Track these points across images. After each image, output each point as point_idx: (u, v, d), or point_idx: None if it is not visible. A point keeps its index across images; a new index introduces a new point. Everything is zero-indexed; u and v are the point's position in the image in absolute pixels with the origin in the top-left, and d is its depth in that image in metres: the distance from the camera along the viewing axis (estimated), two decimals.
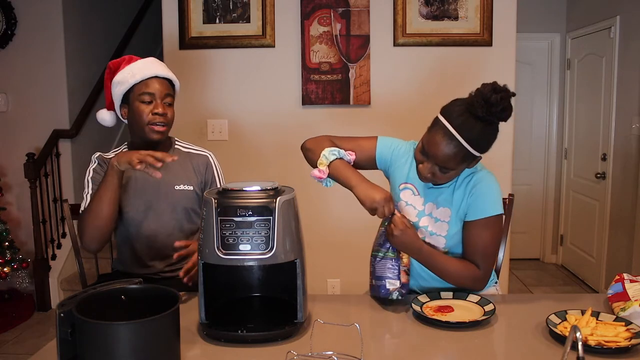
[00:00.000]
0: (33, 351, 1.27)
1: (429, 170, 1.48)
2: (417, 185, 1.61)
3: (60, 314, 1.05)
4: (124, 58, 1.79)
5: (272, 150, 3.03)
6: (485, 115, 1.40)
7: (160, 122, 1.73)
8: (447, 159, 1.43)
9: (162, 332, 1.07)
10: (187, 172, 1.83)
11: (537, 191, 4.61)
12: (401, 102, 2.95)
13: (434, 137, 1.44)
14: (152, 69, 1.75)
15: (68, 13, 3.77)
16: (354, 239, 3.05)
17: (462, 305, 1.47)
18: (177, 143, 1.91)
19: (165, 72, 1.78)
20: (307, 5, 2.89)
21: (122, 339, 1.02)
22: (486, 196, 1.52)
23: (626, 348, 1.18)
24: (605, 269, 3.81)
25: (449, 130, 1.42)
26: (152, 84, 1.73)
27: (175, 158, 1.58)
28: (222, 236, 1.27)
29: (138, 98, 1.73)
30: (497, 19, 2.88)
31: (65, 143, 3.81)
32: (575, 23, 4.32)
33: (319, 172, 1.58)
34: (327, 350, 1.21)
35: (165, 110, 1.74)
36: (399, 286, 1.48)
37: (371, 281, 1.56)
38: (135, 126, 1.76)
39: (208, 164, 1.90)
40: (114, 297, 1.17)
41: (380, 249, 1.53)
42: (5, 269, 3.27)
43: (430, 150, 1.46)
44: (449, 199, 1.56)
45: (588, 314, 1.31)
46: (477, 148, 1.43)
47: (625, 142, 3.57)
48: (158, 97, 1.73)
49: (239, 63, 2.97)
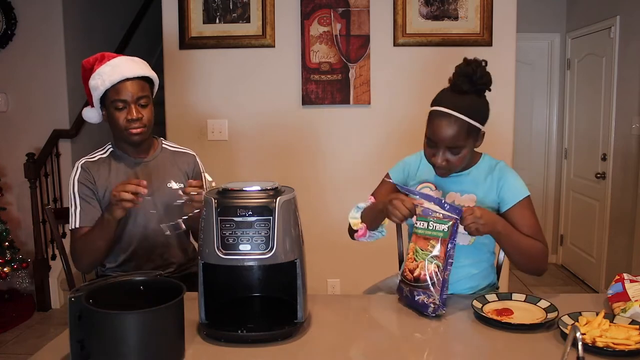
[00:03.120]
0: (33, 351, 1.27)
1: (442, 159, 1.53)
2: (434, 181, 1.67)
3: (71, 298, 1.11)
4: (96, 57, 1.72)
5: (272, 150, 3.03)
6: (470, 87, 1.51)
7: (136, 126, 1.69)
8: (453, 138, 1.50)
9: (165, 323, 1.13)
10: (177, 171, 1.84)
11: (537, 191, 4.61)
12: (401, 102, 2.95)
13: (435, 124, 1.52)
14: (120, 72, 1.66)
15: (68, 13, 3.77)
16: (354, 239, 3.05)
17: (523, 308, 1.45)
18: (164, 144, 1.90)
19: (136, 72, 1.69)
20: (307, 5, 2.89)
21: (123, 327, 1.09)
22: (516, 181, 1.61)
23: (638, 351, 1.16)
24: (605, 269, 3.81)
25: (445, 111, 1.50)
26: (123, 89, 1.66)
27: (144, 189, 1.54)
28: (222, 236, 1.27)
29: (111, 105, 1.68)
30: (497, 19, 2.88)
31: (65, 143, 3.81)
32: (575, 23, 4.32)
33: (362, 232, 1.62)
34: (328, 350, 1.21)
35: (139, 113, 1.69)
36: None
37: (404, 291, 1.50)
38: (114, 130, 1.74)
39: (195, 163, 1.90)
40: (127, 288, 1.26)
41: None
42: (5, 269, 3.27)
43: (435, 136, 1.52)
44: (472, 184, 1.62)
45: (601, 316, 1.30)
46: (476, 118, 1.51)
47: (625, 142, 3.57)
48: (130, 101, 1.67)
49: (239, 63, 2.97)
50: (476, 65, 1.51)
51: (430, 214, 1.43)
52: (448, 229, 1.40)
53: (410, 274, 1.45)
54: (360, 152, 3.01)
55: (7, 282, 3.39)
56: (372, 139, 2.99)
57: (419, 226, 1.45)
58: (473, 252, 1.62)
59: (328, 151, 3.02)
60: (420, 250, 1.44)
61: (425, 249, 1.42)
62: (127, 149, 1.79)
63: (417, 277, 1.43)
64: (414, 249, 1.46)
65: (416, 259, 1.44)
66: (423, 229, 1.44)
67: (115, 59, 1.70)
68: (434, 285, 1.39)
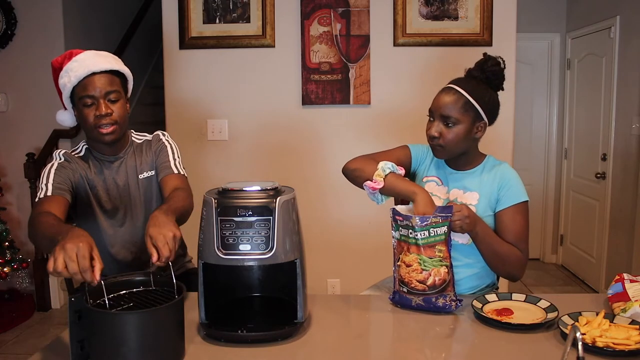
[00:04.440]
0: (33, 351, 1.28)
1: (436, 129, 1.59)
2: (440, 176, 1.71)
3: (70, 299, 1.09)
4: (65, 54, 1.64)
5: (272, 150, 3.03)
6: (480, 74, 1.60)
7: (107, 122, 1.60)
8: (448, 107, 1.56)
9: (166, 323, 1.13)
10: (145, 158, 1.76)
11: (537, 191, 4.61)
12: (401, 102, 2.95)
13: (437, 96, 1.62)
14: (86, 66, 1.58)
15: (68, 13, 3.76)
16: (354, 239, 3.05)
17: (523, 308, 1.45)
18: (133, 135, 1.80)
19: (103, 65, 1.60)
20: (307, 5, 2.89)
21: (123, 327, 1.08)
22: (517, 184, 1.63)
23: (638, 351, 1.16)
24: (605, 269, 3.81)
25: (449, 85, 1.61)
26: (90, 84, 1.58)
27: (96, 280, 1.13)
28: (222, 236, 1.27)
29: (80, 102, 1.60)
30: (497, 19, 2.88)
31: (65, 143, 3.80)
32: (575, 23, 4.32)
33: (375, 183, 1.60)
34: (328, 350, 1.21)
35: (109, 109, 1.60)
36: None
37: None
38: (85, 130, 1.66)
39: (158, 139, 1.80)
40: (127, 287, 1.26)
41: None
42: (5, 269, 3.27)
43: (433, 104, 1.61)
44: (475, 183, 1.65)
45: (601, 316, 1.30)
46: (477, 100, 1.57)
47: (625, 142, 3.57)
48: (99, 96, 1.58)
49: (239, 63, 2.97)
50: (490, 57, 1.61)
51: (427, 221, 1.43)
52: (447, 229, 1.43)
53: (422, 284, 1.44)
54: (360, 152, 2.96)
55: (7, 282, 3.39)
56: (372, 139, 2.98)
57: (421, 237, 1.43)
58: (473, 251, 1.62)
59: (328, 151, 3.02)
60: (428, 259, 1.44)
61: (433, 256, 1.44)
62: (101, 148, 1.70)
63: (432, 285, 1.43)
64: (419, 259, 1.45)
65: (425, 269, 1.44)
66: (426, 238, 1.43)
67: (81, 54, 1.63)
68: (449, 285, 1.44)
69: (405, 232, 1.46)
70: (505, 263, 1.57)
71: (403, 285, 1.48)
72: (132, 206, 1.74)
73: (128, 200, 1.73)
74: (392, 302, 1.53)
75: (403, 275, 1.47)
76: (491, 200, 1.63)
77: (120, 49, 4.42)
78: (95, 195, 1.70)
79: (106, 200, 1.71)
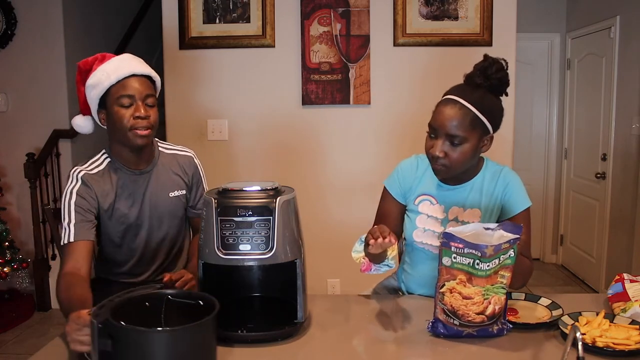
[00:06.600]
0: (33, 351, 1.27)
1: (441, 149, 1.44)
2: (433, 194, 1.56)
3: (98, 325, 0.97)
4: (96, 57, 1.60)
5: (272, 150, 3.03)
6: (484, 81, 1.45)
7: (143, 125, 1.55)
8: (454, 124, 1.41)
9: (204, 337, 1.05)
10: (177, 178, 1.73)
11: (537, 191, 4.61)
12: (401, 102, 2.95)
13: (438, 110, 1.46)
14: (128, 67, 1.56)
15: (68, 13, 3.76)
16: (354, 239, 3.04)
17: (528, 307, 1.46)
18: (160, 146, 1.75)
19: (143, 69, 1.59)
20: (307, 5, 2.89)
21: (167, 345, 0.98)
22: (520, 190, 1.55)
23: (638, 351, 1.16)
24: (605, 269, 3.81)
25: (452, 98, 1.45)
26: (130, 84, 1.54)
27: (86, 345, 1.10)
28: (222, 236, 1.27)
29: (116, 102, 1.54)
30: (497, 19, 2.88)
31: (65, 143, 3.81)
32: (575, 23, 4.32)
33: (364, 267, 1.51)
34: (328, 350, 1.21)
35: (147, 112, 1.56)
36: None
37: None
38: (116, 132, 1.59)
39: (195, 167, 1.78)
40: (144, 304, 1.13)
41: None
42: (5, 269, 3.27)
43: (436, 122, 1.45)
44: (476, 196, 1.54)
45: (601, 316, 1.30)
46: (484, 113, 1.43)
47: (625, 142, 3.57)
48: (138, 98, 1.55)
49: (239, 63, 2.97)
50: (493, 61, 1.46)
51: (501, 249, 1.23)
52: (514, 251, 1.24)
53: (480, 315, 1.27)
54: (360, 152, 3.01)
55: (7, 282, 3.39)
56: (372, 139, 2.98)
57: (489, 267, 1.23)
58: None
59: (328, 151, 3.02)
60: (490, 287, 1.26)
61: (496, 283, 1.26)
62: (127, 157, 1.63)
63: (492, 315, 1.27)
64: (482, 292, 1.26)
65: (486, 298, 1.26)
66: (494, 267, 1.24)
67: (121, 55, 1.61)
68: (505, 309, 1.31)
69: (466, 260, 1.24)
70: (517, 274, 1.37)
71: (454, 317, 1.28)
72: (154, 219, 1.69)
73: (154, 214, 1.68)
74: (432, 334, 1.31)
75: (456, 307, 1.27)
76: (494, 211, 1.54)
77: (120, 48, 4.41)
78: (115, 210, 1.63)
79: (127, 214, 1.65)
